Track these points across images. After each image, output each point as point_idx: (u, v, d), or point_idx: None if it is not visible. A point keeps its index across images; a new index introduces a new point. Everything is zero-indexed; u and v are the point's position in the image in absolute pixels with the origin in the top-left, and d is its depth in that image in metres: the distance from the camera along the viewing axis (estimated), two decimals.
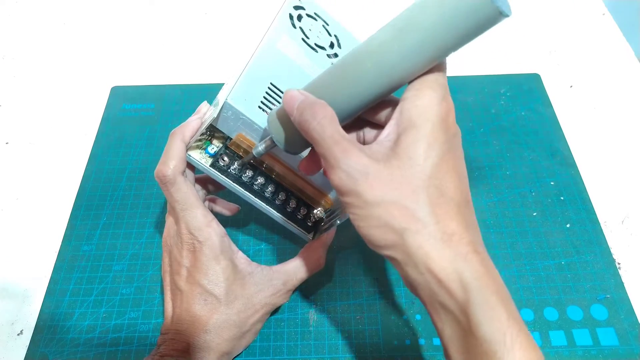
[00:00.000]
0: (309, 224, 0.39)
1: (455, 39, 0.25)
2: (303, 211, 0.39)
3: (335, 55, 0.40)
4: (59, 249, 0.45)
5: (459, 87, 0.55)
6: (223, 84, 0.56)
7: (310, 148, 0.31)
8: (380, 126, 0.31)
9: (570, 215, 0.46)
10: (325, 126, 0.26)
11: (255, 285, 0.36)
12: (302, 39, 0.39)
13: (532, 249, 0.44)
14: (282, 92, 0.36)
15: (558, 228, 0.45)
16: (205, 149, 0.36)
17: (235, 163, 0.36)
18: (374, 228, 0.26)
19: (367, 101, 0.28)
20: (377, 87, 0.27)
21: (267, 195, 0.37)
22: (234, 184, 0.36)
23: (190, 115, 0.36)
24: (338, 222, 0.35)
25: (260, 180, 0.37)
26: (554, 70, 0.58)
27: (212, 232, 0.35)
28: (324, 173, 0.28)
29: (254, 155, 0.33)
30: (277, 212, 0.38)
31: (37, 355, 0.39)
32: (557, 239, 0.44)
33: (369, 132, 0.32)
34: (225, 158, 0.36)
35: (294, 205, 0.38)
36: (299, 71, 0.37)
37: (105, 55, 0.62)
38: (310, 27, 0.40)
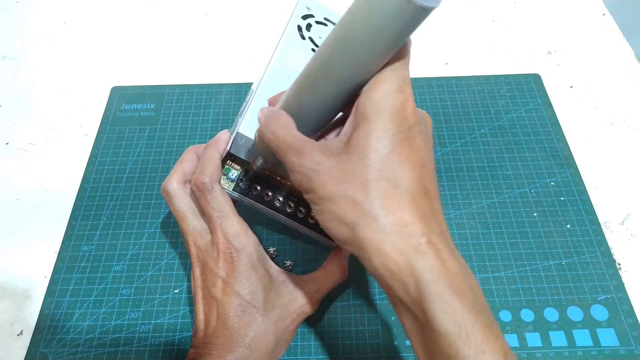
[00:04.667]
0: None
1: (391, 41, 0.24)
2: None
3: None
4: (59, 249, 0.45)
5: (459, 87, 0.55)
6: (224, 85, 0.56)
7: None
8: None
9: (570, 216, 0.46)
10: (277, 134, 0.27)
11: (290, 293, 0.36)
12: (312, 50, 0.39)
13: (532, 249, 0.44)
14: None
15: (558, 228, 0.45)
16: (226, 174, 0.37)
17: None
18: (329, 222, 0.26)
19: (330, 108, 0.28)
20: (333, 95, 0.27)
21: (289, 210, 0.38)
22: (258, 204, 0.38)
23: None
24: None
25: (280, 197, 0.38)
26: (554, 70, 0.58)
27: (249, 240, 0.35)
28: None
29: (259, 167, 0.35)
30: (300, 224, 0.39)
31: (37, 355, 0.39)
32: (557, 239, 0.44)
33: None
34: (246, 181, 0.37)
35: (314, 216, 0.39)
36: None
37: (105, 55, 0.62)
38: (321, 34, 0.39)
